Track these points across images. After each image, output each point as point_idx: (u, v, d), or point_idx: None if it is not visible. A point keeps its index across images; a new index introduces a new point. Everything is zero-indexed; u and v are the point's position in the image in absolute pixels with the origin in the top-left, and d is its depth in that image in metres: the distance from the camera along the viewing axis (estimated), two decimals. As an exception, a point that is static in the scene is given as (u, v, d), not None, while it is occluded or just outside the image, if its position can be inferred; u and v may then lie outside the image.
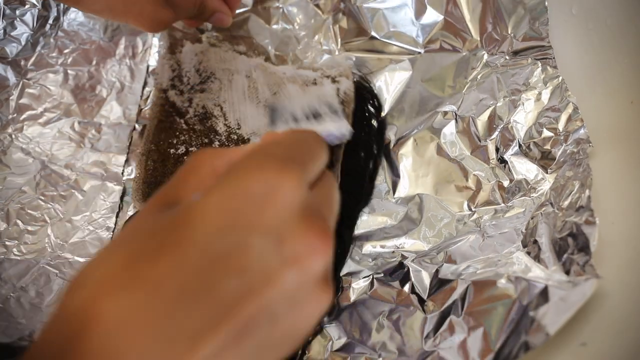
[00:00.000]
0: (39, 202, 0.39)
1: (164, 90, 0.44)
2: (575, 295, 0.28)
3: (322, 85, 0.43)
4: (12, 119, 0.42)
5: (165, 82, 0.44)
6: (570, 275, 0.29)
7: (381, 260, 0.37)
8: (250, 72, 0.44)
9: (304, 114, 0.37)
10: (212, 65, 0.44)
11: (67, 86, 0.44)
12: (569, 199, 0.33)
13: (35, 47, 0.44)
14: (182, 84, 0.44)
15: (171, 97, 0.43)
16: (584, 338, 0.28)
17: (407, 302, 0.34)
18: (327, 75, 0.44)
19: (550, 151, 0.37)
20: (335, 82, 0.44)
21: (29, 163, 0.41)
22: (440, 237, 0.37)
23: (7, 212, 0.38)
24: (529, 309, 0.29)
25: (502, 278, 0.32)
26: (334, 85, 0.43)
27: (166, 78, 0.44)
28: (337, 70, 0.44)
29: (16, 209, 0.39)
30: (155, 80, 0.44)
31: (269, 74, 0.44)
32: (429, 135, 0.41)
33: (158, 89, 0.44)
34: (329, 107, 0.38)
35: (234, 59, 0.45)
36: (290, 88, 0.43)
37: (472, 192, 0.38)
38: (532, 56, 0.40)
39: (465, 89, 0.41)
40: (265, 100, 0.43)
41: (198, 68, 0.44)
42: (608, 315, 0.28)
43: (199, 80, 0.44)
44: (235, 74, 0.44)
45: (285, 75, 0.44)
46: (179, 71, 0.44)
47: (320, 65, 0.45)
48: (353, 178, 0.40)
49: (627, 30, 0.35)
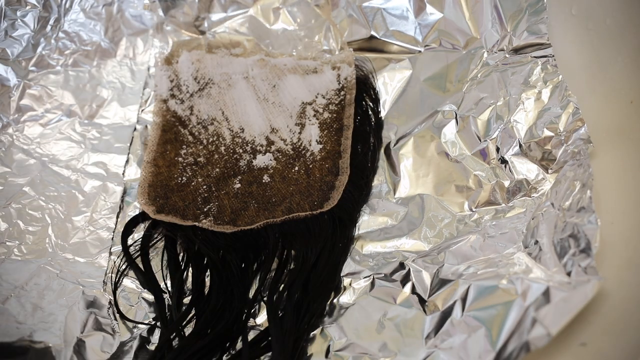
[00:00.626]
0: (40, 202, 0.39)
1: (164, 101, 0.44)
2: (577, 297, 0.28)
3: (323, 73, 0.43)
4: (13, 119, 0.43)
5: (165, 92, 0.44)
6: (571, 276, 0.29)
7: (382, 261, 0.37)
8: (247, 73, 0.44)
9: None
10: (210, 72, 0.45)
11: (68, 87, 0.44)
12: (570, 200, 0.33)
13: (36, 48, 0.44)
14: (181, 92, 0.44)
15: (172, 106, 0.44)
16: (584, 338, 0.28)
17: (408, 303, 0.34)
18: (327, 61, 0.44)
19: (551, 151, 0.37)
20: (336, 68, 0.44)
21: (29, 164, 0.41)
22: (441, 237, 0.37)
23: (8, 212, 0.39)
24: (530, 310, 0.29)
25: (503, 279, 0.31)
26: (334, 72, 0.43)
27: (165, 89, 0.44)
28: (338, 57, 0.44)
29: (17, 209, 0.39)
30: (154, 91, 0.45)
31: (268, 68, 0.44)
32: (430, 135, 0.41)
33: (158, 100, 0.44)
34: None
35: (231, 63, 0.45)
36: (291, 78, 0.43)
37: (472, 192, 0.38)
38: (531, 54, 0.40)
39: (465, 87, 0.41)
40: (264, 95, 0.43)
41: (196, 76, 0.45)
42: (608, 315, 0.28)
43: (198, 88, 0.44)
44: (233, 76, 0.44)
45: (286, 66, 0.44)
46: (177, 81, 0.45)
47: (320, 52, 0.45)
48: (352, 171, 0.40)
49: (626, 30, 0.35)
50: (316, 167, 0.40)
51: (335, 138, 0.41)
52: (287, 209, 0.38)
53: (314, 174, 0.40)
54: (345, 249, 0.37)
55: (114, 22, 0.46)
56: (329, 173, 0.39)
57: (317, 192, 0.39)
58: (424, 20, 0.44)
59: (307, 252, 0.36)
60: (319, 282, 0.35)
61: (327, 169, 0.40)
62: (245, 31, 0.47)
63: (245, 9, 0.47)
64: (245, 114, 0.43)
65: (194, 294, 0.36)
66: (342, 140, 0.41)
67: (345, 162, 0.40)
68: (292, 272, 0.36)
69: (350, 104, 0.42)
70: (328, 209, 0.38)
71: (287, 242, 0.37)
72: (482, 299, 0.31)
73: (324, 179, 0.39)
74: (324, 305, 0.35)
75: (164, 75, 0.45)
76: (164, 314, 0.35)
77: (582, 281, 0.28)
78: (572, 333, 0.27)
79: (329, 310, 0.35)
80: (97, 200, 0.40)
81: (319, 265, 0.36)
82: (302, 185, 0.39)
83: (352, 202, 0.38)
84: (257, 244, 0.37)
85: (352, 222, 0.38)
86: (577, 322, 0.27)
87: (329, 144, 0.41)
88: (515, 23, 0.41)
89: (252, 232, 0.37)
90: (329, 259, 0.36)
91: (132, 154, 0.43)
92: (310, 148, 0.41)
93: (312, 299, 0.34)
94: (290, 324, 0.33)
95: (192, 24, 0.48)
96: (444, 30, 0.43)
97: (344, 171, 0.39)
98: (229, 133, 0.42)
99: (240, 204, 0.38)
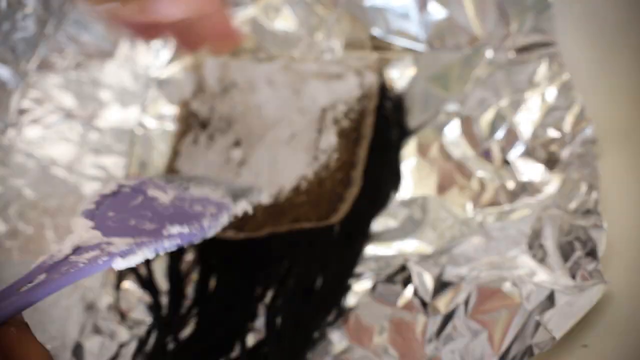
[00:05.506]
0: (40, 204, 0.39)
1: (186, 104, 0.44)
2: (582, 300, 0.28)
3: (346, 79, 0.42)
4: (13, 122, 0.43)
5: (188, 95, 0.44)
6: (576, 279, 0.29)
7: (383, 263, 0.36)
8: (271, 77, 0.44)
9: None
10: (233, 75, 0.44)
11: (68, 89, 0.45)
12: (576, 202, 0.32)
13: (37, 50, 0.44)
14: (204, 96, 0.44)
15: (194, 107, 0.43)
16: (586, 340, 0.28)
17: (410, 305, 0.34)
18: (351, 67, 0.43)
19: (556, 152, 0.36)
20: (360, 75, 0.43)
21: (29, 165, 0.41)
22: (444, 239, 0.37)
23: (8, 214, 0.39)
24: (534, 313, 0.29)
25: (507, 281, 0.31)
26: (357, 79, 0.42)
27: (189, 92, 0.44)
28: (363, 62, 0.43)
29: (16, 211, 0.39)
30: (178, 96, 0.45)
31: (292, 74, 0.44)
32: (433, 135, 0.40)
33: (182, 105, 0.44)
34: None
35: (255, 68, 0.45)
36: (313, 83, 0.43)
37: (476, 194, 0.38)
38: (537, 52, 0.39)
39: (469, 87, 0.41)
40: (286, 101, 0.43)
41: (220, 79, 0.44)
42: (610, 316, 0.28)
43: (221, 92, 0.44)
44: (257, 81, 0.44)
45: (310, 71, 0.44)
46: (201, 85, 0.44)
47: (345, 57, 0.44)
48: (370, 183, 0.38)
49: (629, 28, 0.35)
50: (329, 177, 0.39)
51: (352, 147, 0.40)
52: (293, 218, 0.37)
53: (325, 184, 0.38)
54: (351, 264, 0.36)
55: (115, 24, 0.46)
56: (340, 184, 0.38)
57: (325, 203, 0.38)
58: (427, 18, 0.43)
59: (310, 265, 0.36)
60: (321, 296, 0.35)
61: (339, 180, 0.38)
62: (246, 31, 0.46)
63: (246, 8, 0.47)
64: (267, 119, 0.42)
65: (195, 299, 0.35)
66: (357, 150, 0.40)
67: (357, 174, 0.38)
68: (294, 283, 0.35)
69: (370, 113, 0.41)
70: (333, 221, 0.37)
71: (290, 252, 0.37)
72: (485, 302, 0.31)
73: (334, 190, 0.38)
74: (325, 319, 0.34)
75: (188, 79, 0.45)
76: (162, 318, 0.35)
77: (588, 285, 0.28)
78: (574, 334, 0.27)
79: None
80: (97, 202, 0.40)
81: (322, 279, 0.35)
82: (312, 195, 0.38)
83: (364, 216, 0.37)
84: (261, 252, 0.37)
85: (363, 237, 0.37)
86: (580, 324, 0.27)
87: (345, 154, 0.39)
88: (520, 21, 0.41)
89: (256, 240, 0.37)
90: (334, 274, 0.36)
91: (132, 156, 0.43)
92: (325, 157, 0.40)
93: (313, 314, 0.34)
94: (289, 337, 0.33)
95: (192, 24, 0.48)
96: (447, 29, 0.43)
97: (355, 183, 0.38)
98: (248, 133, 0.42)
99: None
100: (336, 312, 0.34)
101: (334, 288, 0.35)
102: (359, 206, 0.37)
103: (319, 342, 0.34)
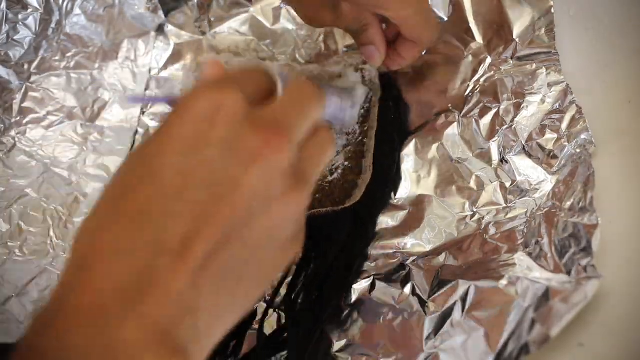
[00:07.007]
0: (41, 204, 0.40)
1: None
2: (577, 296, 0.28)
3: (347, 77, 0.43)
4: (15, 122, 0.43)
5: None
6: (571, 275, 0.29)
7: (382, 261, 0.37)
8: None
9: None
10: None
11: (69, 89, 0.45)
12: (572, 200, 0.33)
13: (38, 51, 0.45)
14: None
15: None
16: (582, 339, 0.28)
17: (408, 303, 0.34)
18: (350, 64, 0.44)
19: (553, 152, 0.37)
20: (360, 70, 0.43)
21: (31, 166, 0.41)
22: (442, 238, 0.37)
23: (10, 213, 0.39)
24: (530, 310, 0.29)
25: (503, 279, 0.31)
26: (358, 74, 0.43)
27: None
28: (361, 58, 0.44)
29: (19, 210, 0.39)
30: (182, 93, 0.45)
31: (294, 74, 0.44)
32: (431, 137, 0.40)
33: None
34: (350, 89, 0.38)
35: (258, 66, 0.45)
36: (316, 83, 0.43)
37: (473, 193, 0.38)
38: (536, 61, 0.39)
39: (468, 92, 0.41)
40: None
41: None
42: (606, 315, 0.28)
43: None
44: None
45: (313, 73, 0.44)
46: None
47: (343, 55, 0.45)
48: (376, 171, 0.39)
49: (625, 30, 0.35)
50: (339, 167, 0.40)
51: (360, 139, 0.41)
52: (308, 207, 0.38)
53: (336, 174, 0.40)
54: (363, 248, 0.37)
55: (115, 24, 0.46)
56: (351, 172, 0.40)
57: (338, 190, 0.39)
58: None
59: (327, 251, 0.36)
60: (335, 281, 0.35)
61: (350, 169, 0.40)
62: (246, 31, 0.47)
63: (246, 8, 0.47)
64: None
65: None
66: (365, 140, 0.41)
67: (368, 161, 0.40)
68: (312, 269, 0.36)
69: (375, 105, 0.42)
70: (350, 205, 0.38)
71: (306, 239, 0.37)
72: (482, 299, 0.31)
73: (346, 177, 0.40)
74: (338, 304, 0.35)
75: (192, 77, 0.45)
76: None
77: (582, 280, 0.28)
78: (570, 333, 0.27)
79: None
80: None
81: (336, 264, 0.36)
82: (324, 184, 0.39)
83: (374, 201, 0.38)
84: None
85: (373, 222, 0.38)
86: (575, 323, 0.27)
87: (353, 145, 0.41)
88: (521, 30, 0.40)
89: None
90: (347, 258, 0.36)
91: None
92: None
93: (327, 298, 0.34)
94: (306, 323, 0.33)
95: (192, 24, 0.48)
96: (447, 34, 0.43)
97: (367, 170, 0.39)
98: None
99: None
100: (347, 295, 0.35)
101: (345, 272, 0.36)
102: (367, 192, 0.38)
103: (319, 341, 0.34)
